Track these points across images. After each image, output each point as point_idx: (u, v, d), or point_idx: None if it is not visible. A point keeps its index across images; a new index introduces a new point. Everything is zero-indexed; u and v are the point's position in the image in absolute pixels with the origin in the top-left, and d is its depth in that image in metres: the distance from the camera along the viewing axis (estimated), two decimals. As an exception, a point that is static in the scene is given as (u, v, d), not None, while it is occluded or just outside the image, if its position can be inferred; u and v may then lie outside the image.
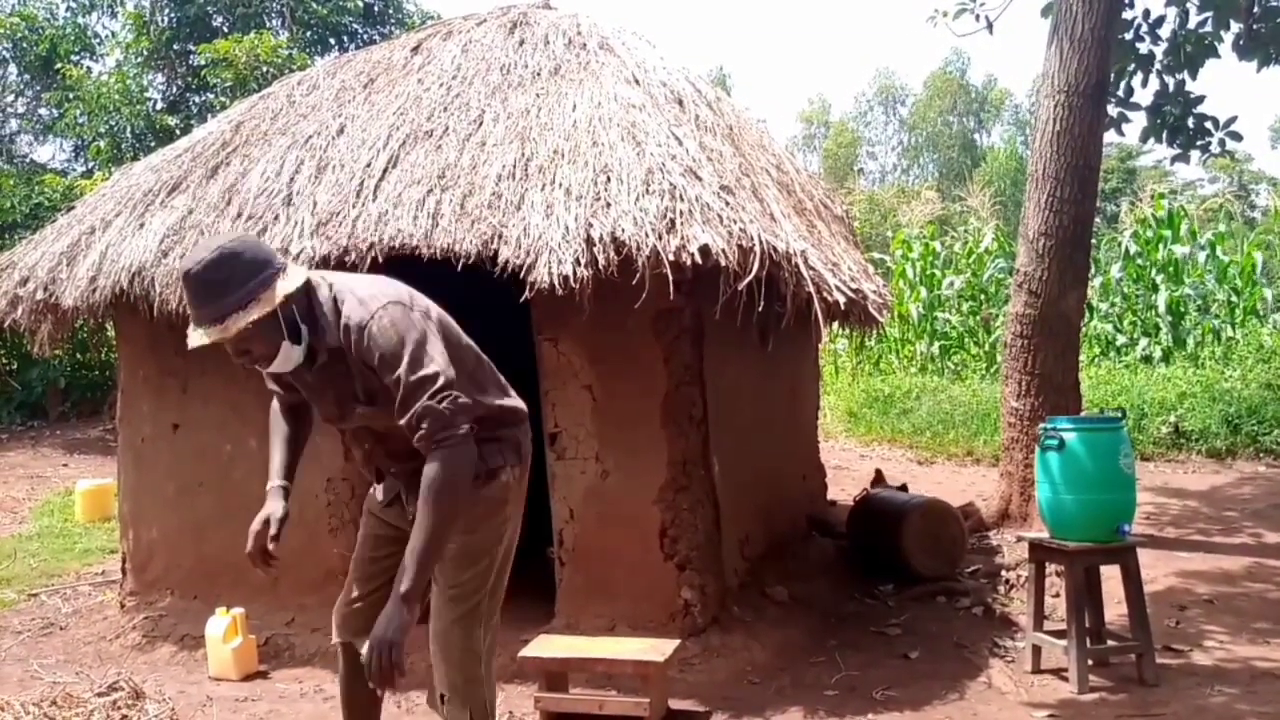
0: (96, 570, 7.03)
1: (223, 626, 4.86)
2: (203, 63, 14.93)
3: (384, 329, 2.73)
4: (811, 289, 4.35)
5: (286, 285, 2.70)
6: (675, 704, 4.30)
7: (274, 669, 4.97)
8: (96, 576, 6.84)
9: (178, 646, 5.24)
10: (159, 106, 15.83)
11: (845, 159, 44.89)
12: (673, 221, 4.34)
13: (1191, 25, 9.10)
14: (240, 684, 4.77)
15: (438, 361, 2.74)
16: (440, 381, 2.71)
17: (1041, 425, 4.79)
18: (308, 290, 2.79)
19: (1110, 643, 4.75)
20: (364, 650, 2.77)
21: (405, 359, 2.71)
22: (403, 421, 2.73)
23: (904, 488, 7.47)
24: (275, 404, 3.17)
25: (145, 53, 16.20)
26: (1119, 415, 4.80)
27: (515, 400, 3.12)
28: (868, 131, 51.88)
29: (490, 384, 3.05)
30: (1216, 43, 9.04)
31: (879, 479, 8.01)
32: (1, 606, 6.22)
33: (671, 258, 4.23)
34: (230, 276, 2.65)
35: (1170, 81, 9.20)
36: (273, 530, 2.94)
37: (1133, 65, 9.16)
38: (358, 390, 2.86)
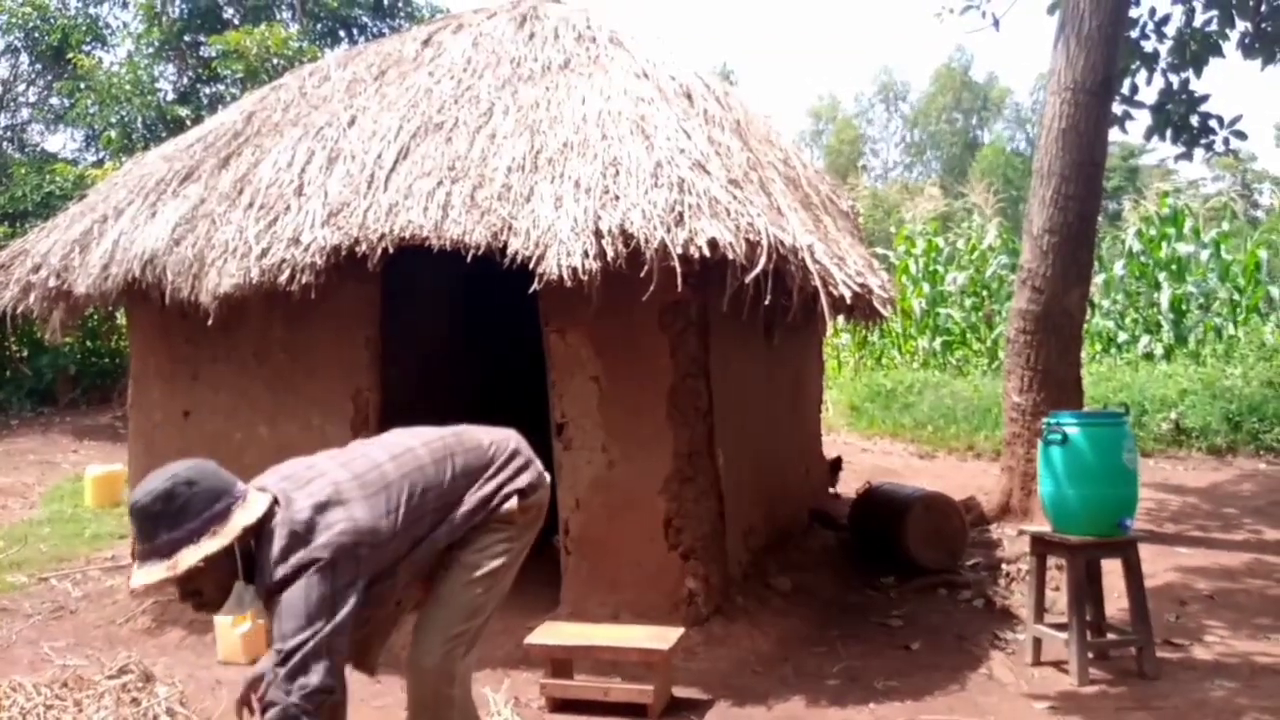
0: (106, 555, 7.08)
1: (231, 612, 4.90)
2: (213, 54, 14.99)
3: (294, 598, 2.48)
4: (818, 282, 4.39)
5: (245, 516, 2.50)
6: (679, 691, 4.37)
7: (282, 653, 5.02)
8: (106, 561, 6.89)
9: (187, 631, 5.30)
10: (170, 97, 15.87)
11: (848, 155, 44.81)
12: (681, 214, 4.38)
13: (1197, 23, 9.12)
14: (249, 668, 4.80)
15: (322, 662, 2.47)
16: (314, 684, 2.44)
17: (1045, 420, 4.82)
18: (265, 521, 2.54)
19: (1110, 636, 4.80)
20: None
21: (295, 635, 2.46)
22: (259, 693, 2.57)
23: (838, 460, 7.48)
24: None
25: (156, 43, 16.26)
26: (1122, 410, 4.84)
27: (511, 472, 3.14)
28: (869, 129, 51.83)
29: (477, 477, 3.02)
30: (1222, 41, 9.06)
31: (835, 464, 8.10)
32: (12, 590, 6.28)
33: (679, 250, 4.27)
34: (183, 508, 2.46)
35: (1175, 80, 9.22)
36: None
37: (1137, 63, 9.17)
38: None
